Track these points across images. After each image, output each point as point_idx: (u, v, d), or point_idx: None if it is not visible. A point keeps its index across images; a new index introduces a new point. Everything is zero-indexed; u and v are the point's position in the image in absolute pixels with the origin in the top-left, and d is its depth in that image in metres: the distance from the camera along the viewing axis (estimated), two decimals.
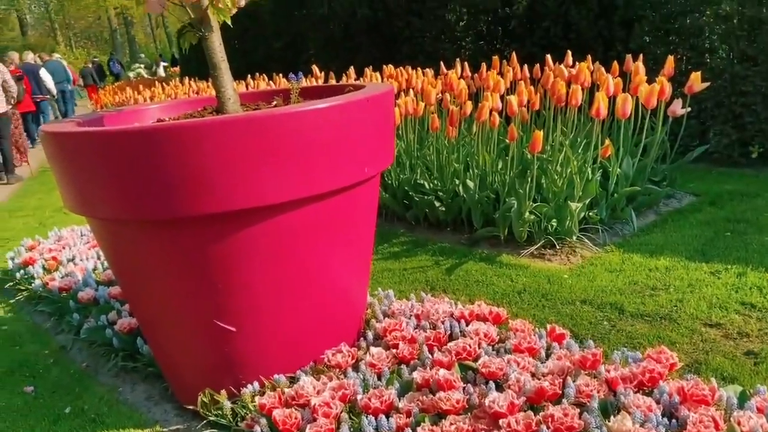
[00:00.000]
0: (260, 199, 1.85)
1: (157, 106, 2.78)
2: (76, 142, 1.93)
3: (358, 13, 8.17)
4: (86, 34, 43.03)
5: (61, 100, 12.71)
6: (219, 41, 2.34)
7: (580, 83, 3.72)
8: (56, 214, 5.82)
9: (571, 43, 5.56)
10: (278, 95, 2.87)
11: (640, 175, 3.83)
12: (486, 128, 3.79)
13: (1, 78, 7.84)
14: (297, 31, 9.75)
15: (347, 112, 2.02)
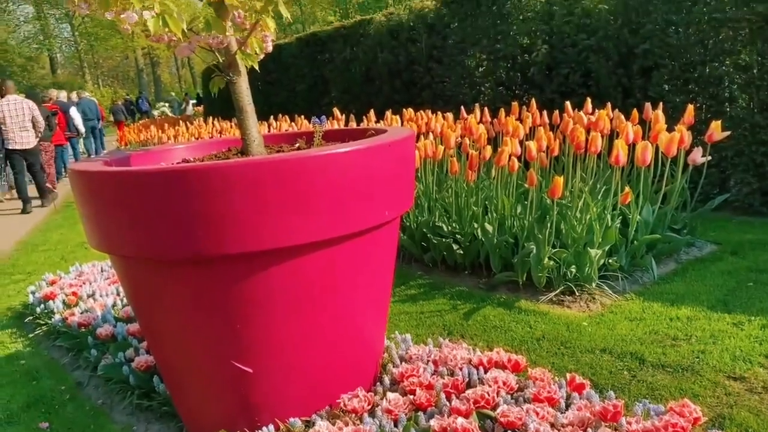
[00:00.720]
0: (281, 240, 1.87)
1: (183, 146, 2.83)
2: (103, 181, 1.98)
3: (379, 58, 8.33)
4: (113, 73, 44.18)
5: (91, 136, 13.19)
6: (246, 85, 2.40)
7: (600, 130, 3.74)
8: (78, 249, 5.89)
9: (590, 90, 5.62)
10: (301, 137, 2.91)
11: (660, 223, 3.81)
12: (505, 172, 3.81)
13: (30, 114, 8.46)
14: (319, 74, 9.94)
15: (369, 156, 2.05)
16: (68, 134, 11.16)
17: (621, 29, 5.48)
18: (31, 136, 8.55)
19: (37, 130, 8.65)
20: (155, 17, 1.99)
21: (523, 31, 6.32)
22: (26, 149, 8.56)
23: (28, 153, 8.61)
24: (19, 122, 8.43)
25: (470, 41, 6.94)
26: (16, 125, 8.42)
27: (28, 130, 8.52)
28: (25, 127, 8.47)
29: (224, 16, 2.22)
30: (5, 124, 8.40)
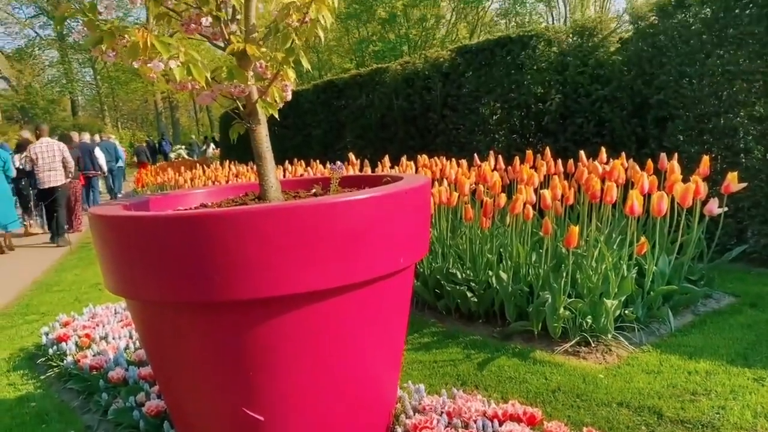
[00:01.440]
0: (295, 287, 1.87)
1: (201, 191, 2.87)
2: (121, 225, 2.00)
3: (395, 105, 8.45)
4: (132, 116, 45.07)
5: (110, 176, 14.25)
6: (265, 133, 2.44)
7: (615, 180, 3.75)
8: (92, 290, 5.91)
9: (605, 139, 5.65)
10: (317, 183, 2.94)
11: (676, 274, 3.77)
12: (520, 220, 3.81)
13: (61, 155, 9.21)
14: (335, 120, 10.08)
15: (385, 203, 2.06)
16: (92, 173, 11.90)
17: (635, 80, 5.54)
18: (60, 175, 9.22)
19: (67, 171, 9.34)
20: (180, 66, 2.04)
21: (537, 80, 6.40)
22: (55, 187, 9.21)
23: (56, 191, 9.24)
24: (49, 163, 9.10)
25: (484, 90, 7.04)
26: (47, 166, 9.08)
27: (58, 170, 9.18)
28: (54, 168, 9.14)
29: (246, 67, 2.28)
30: (37, 165, 9.05)
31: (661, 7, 5.40)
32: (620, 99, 5.61)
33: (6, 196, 8.93)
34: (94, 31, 2.02)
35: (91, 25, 2.01)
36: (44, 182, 9.11)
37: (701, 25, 5.11)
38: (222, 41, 2.36)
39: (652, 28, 5.44)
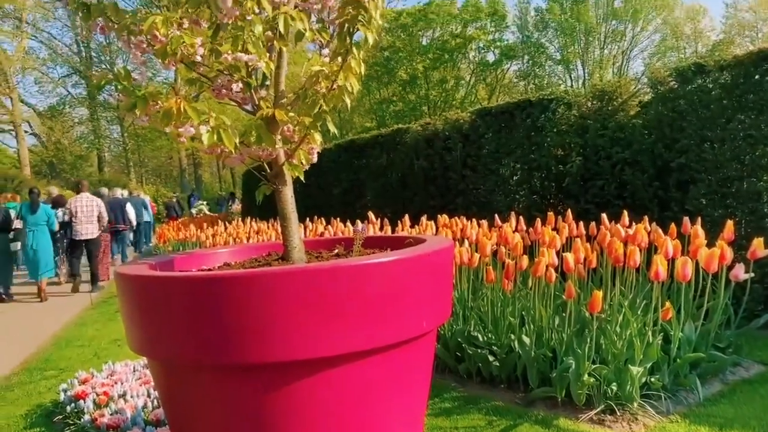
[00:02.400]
0: (316, 350, 1.86)
1: (225, 250, 2.90)
2: (146, 285, 2.02)
3: (415, 165, 8.54)
4: (157, 171, 45.97)
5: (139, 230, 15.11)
6: (291, 194, 2.49)
7: (638, 244, 3.72)
8: (111, 346, 5.91)
9: (626, 201, 5.63)
10: (340, 243, 2.96)
11: (703, 341, 3.69)
12: (542, 283, 3.78)
13: (98, 210, 10.11)
14: (356, 179, 10.20)
15: (408, 266, 2.06)
16: (121, 227, 12.58)
17: (655, 143, 5.56)
18: (95, 228, 10.07)
19: (101, 224, 10.20)
20: (210, 131, 2.10)
21: (558, 143, 6.45)
22: (89, 239, 10.03)
23: (90, 242, 10.08)
24: (87, 216, 9.94)
25: (504, 151, 7.10)
26: (85, 219, 9.91)
27: (93, 224, 10.03)
28: (91, 221, 9.99)
29: (275, 131, 2.34)
30: (76, 217, 9.87)
31: (680, 72, 5.47)
32: (641, 162, 5.62)
33: (48, 248, 9.75)
34: (128, 97, 2.09)
35: (126, 91, 2.08)
36: (80, 234, 9.88)
37: (721, 91, 5.16)
38: (251, 106, 2.43)
39: (672, 92, 5.50)
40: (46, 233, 9.70)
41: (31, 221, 9.54)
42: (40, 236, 9.59)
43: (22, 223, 9.50)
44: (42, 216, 9.65)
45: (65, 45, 38.00)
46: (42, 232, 9.64)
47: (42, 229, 9.64)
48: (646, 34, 34.80)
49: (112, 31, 2.31)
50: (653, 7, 33.59)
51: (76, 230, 9.86)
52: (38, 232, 9.59)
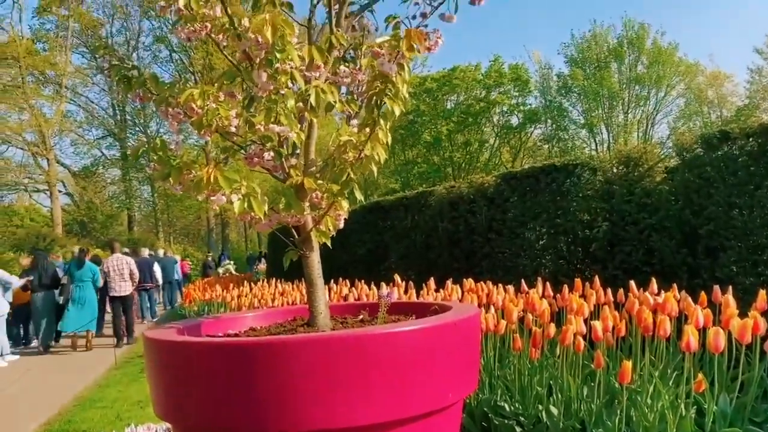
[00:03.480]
0: (340, 421, 1.84)
1: (251, 314, 2.92)
2: (173, 350, 2.05)
3: (439, 227, 8.57)
4: (185, 231, 46.64)
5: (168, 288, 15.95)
6: (317, 260, 2.52)
7: (668, 313, 3.65)
8: (134, 408, 5.89)
9: (654, 268, 5.56)
10: (365, 309, 2.96)
11: (739, 415, 3.56)
12: (570, 352, 3.71)
13: (128, 269, 10.88)
14: (380, 240, 10.23)
15: (434, 335, 2.05)
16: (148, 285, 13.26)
17: (683, 210, 5.53)
18: (128, 285, 10.87)
19: (133, 281, 10.95)
20: (241, 200, 2.16)
21: (583, 208, 6.44)
22: (123, 296, 10.82)
23: (124, 299, 10.87)
24: (119, 275, 10.76)
25: (530, 215, 7.10)
26: (118, 277, 10.75)
27: (126, 281, 10.82)
28: (124, 279, 10.79)
29: (303, 198, 2.39)
30: (110, 276, 10.73)
31: (706, 139, 5.48)
32: (669, 228, 5.58)
33: (93, 302, 10.49)
34: (163, 167, 2.17)
35: (161, 161, 2.16)
36: (115, 291, 10.72)
37: (748, 158, 5.14)
38: (281, 174, 2.49)
39: (698, 159, 5.50)
40: (91, 289, 10.47)
41: (77, 277, 10.31)
42: (85, 291, 10.34)
43: (68, 279, 10.39)
44: (87, 273, 10.43)
45: (102, 108, 39.47)
46: (87, 287, 10.40)
47: (87, 284, 10.40)
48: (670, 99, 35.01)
49: (151, 101, 2.42)
50: (676, 73, 33.90)
51: (111, 288, 10.75)
52: (84, 288, 10.33)
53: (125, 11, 38.20)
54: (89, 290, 10.43)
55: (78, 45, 38.80)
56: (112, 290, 10.81)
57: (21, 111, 34.45)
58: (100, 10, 38.51)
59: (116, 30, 39.36)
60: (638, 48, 33.41)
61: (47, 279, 10.56)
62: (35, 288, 10.41)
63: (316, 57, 2.25)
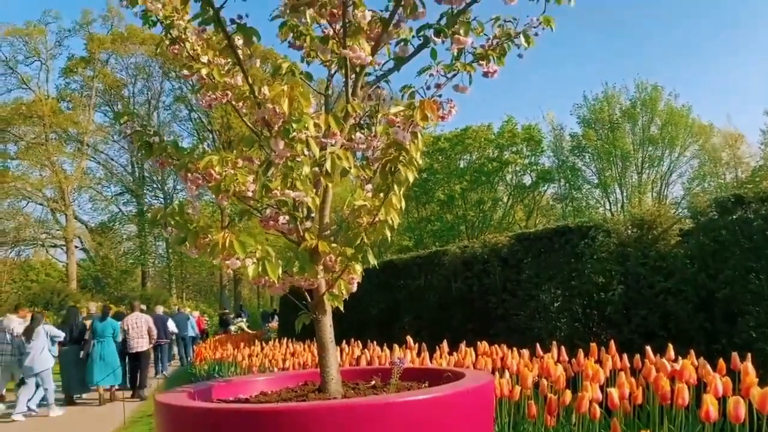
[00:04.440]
0: None
1: (262, 378, 2.91)
2: (184, 415, 2.04)
3: (453, 288, 8.52)
4: (197, 287, 46.71)
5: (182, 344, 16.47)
6: (330, 324, 2.52)
7: (686, 381, 3.58)
8: None
9: (671, 332, 5.47)
10: (377, 374, 2.93)
11: None
12: (587, 419, 3.63)
13: (146, 325, 11.49)
14: (393, 300, 10.18)
15: (447, 403, 2.03)
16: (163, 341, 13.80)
17: (698, 273, 5.48)
18: (146, 342, 11.43)
19: (151, 338, 11.57)
20: (255, 264, 2.18)
21: (598, 270, 6.40)
22: (141, 352, 11.36)
23: (141, 354, 11.42)
24: (138, 332, 11.33)
25: (544, 277, 7.06)
26: (136, 334, 11.31)
27: (144, 338, 11.37)
28: (142, 336, 11.36)
29: (317, 261, 2.41)
30: (128, 333, 11.24)
31: (720, 203, 5.49)
32: (685, 292, 5.52)
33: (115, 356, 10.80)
34: (181, 231, 2.21)
35: (179, 226, 2.20)
36: (133, 347, 11.25)
37: (763, 222, 5.12)
38: (296, 236, 2.52)
39: (713, 223, 5.49)
40: (111, 344, 10.85)
41: (99, 332, 10.70)
42: (107, 346, 10.70)
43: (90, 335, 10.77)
44: (108, 328, 10.86)
45: (120, 165, 40.24)
46: (108, 342, 10.78)
47: (108, 340, 10.79)
48: (683, 159, 35.10)
49: (171, 167, 2.48)
50: (690, 134, 34.09)
51: (130, 344, 11.28)
52: (105, 343, 10.70)
53: (147, 72, 39.38)
54: (110, 345, 10.79)
55: (101, 104, 39.98)
56: (130, 347, 11.30)
57: (42, 168, 35.24)
58: (123, 70, 39.77)
59: (138, 90, 40.55)
60: (651, 109, 33.74)
61: (77, 333, 10.97)
62: (65, 342, 10.74)
63: (332, 125, 2.31)
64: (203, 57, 2.54)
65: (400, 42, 2.72)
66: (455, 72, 2.73)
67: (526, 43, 2.73)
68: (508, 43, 2.75)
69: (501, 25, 2.74)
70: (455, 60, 2.73)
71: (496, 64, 2.76)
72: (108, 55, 38.61)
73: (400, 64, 2.72)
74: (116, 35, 37.69)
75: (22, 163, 35.29)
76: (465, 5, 2.57)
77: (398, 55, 2.73)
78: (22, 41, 36.12)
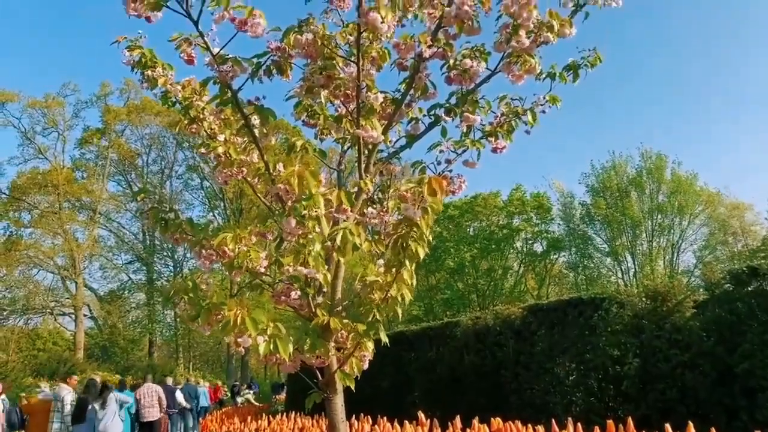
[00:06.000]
0: None
1: None
2: None
3: (465, 360, 8.37)
4: (204, 357, 46.09)
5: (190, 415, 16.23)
6: (341, 403, 2.47)
7: None
8: None
9: (690, 409, 5.32)
10: None
11: None
12: None
13: (157, 395, 11.79)
14: (404, 373, 9.99)
15: None
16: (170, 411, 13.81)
17: (715, 346, 5.38)
18: (156, 411, 11.73)
19: (161, 407, 11.84)
20: (267, 342, 2.16)
21: (613, 343, 6.30)
22: (152, 421, 11.65)
23: (153, 423, 11.70)
24: (150, 402, 11.65)
25: (558, 350, 6.94)
26: (148, 404, 11.64)
27: (155, 407, 11.69)
28: (153, 405, 11.68)
29: (328, 338, 2.39)
30: (140, 403, 11.55)
31: (734, 275, 5.44)
32: (702, 366, 5.40)
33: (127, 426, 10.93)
34: (194, 307, 2.21)
35: (192, 302, 2.20)
36: (145, 416, 11.60)
37: None
38: (308, 312, 2.51)
39: (728, 295, 5.43)
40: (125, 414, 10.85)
41: None
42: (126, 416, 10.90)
43: None
44: None
45: (132, 233, 40.50)
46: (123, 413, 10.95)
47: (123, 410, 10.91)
48: (693, 227, 34.97)
49: (185, 242, 2.51)
50: (698, 202, 34.08)
51: (142, 414, 11.66)
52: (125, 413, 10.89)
53: (161, 142, 40.19)
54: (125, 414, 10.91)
55: (114, 173, 40.66)
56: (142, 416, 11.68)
57: (55, 236, 35.55)
58: (138, 141, 40.62)
59: (152, 159, 41.24)
60: (657, 178, 33.86)
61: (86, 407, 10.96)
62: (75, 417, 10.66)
63: (344, 201, 2.34)
64: (220, 135, 2.61)
65: (411, 120, 2.78)
66: (465, 148, 2.77)
67: (532, 120, 2.79)
68: (516, 120, 2.81)
69: (508, 104, 2.81)
70: (464, 137, 2.79)
71: (504, 140, 2.81)
72: (123, 126, 39.56)
73: (411, 141, 2.78)
74: (132, 107, 38.71)
75: (35, 231, 35.63)
76: (474, 85, 2.64)
77: (410, 133, 2.79)
78: (40, 113, 37.13)
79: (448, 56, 2.54)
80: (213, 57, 2.38)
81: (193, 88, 2.56)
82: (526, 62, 2.50)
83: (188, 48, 2.43)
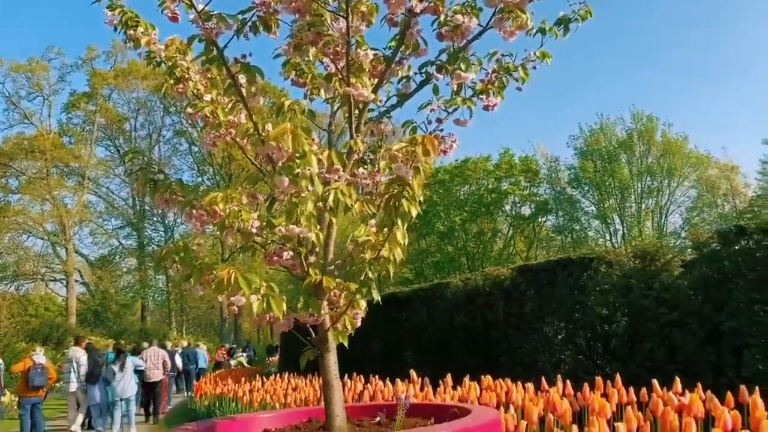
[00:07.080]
0: None
1: (266, 415, 2.87)
2: None
3: (456, 321, 8.47)
4: (197, 321, 46.33)
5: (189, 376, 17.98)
6: (334, 360, 2.50)
7: (693, 415, 3.53)
8: None
9: (677, 366, 5.41)
10: (381, 410, 2.90)
11: None
12: None
13: (162, 358, 12.84)
14: (395, 334, 10.10)
15: None
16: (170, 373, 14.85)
17: (703, 305, 5.45)
18: (160, 373, 12.79)
19: (165, 369, 12.95)
20: (260, 300, 2.17)
21: (601, 302, 6.37)
22: (155, 381, 12.70)
23: (156, 383, 12.75)
24: (155, 363, 12.67)
25: (547, 309, 7.02)
26: (153, 366, 12.61)
27: (159, 369, 12.74)
28: (158, 367, 12.73)
29: (321, 297, 2.40)
30: (146, 365, 12.42)
31: (722, 234, 5.49)
32: (690, 324, 5.48)
33: None
34: (186, 268, 2.21)
35: (184, 263, 2.20)
36: (150, 377, 12.49)
37: (766, 252, 5.11)
38: (300, 272, 2.51)
39: (715, 254, 5.48)
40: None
41: None
42: None
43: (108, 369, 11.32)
44: None
45: (121, 199, 40.29)
46: None
47: None
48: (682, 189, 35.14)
49: (175, 204, 2.49)
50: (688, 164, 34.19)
51: (147, 375, 12.46)
52: None
53: (148, 106, 39.69)
54: None
55: (102, 138, 40.21)
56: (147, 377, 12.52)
57: (43, 202, 35.29)
58: (125, 105, 40.09)
59: (139, 124, 40.76)
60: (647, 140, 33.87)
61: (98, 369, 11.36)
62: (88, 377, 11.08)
63: (335, 161, 2.33)
64: (207, 96, 2.57)
65: (402, 79, 2.75)
66: (456, 107, 2.75)
67: (524, 75, 2.76)
68: (507, 76, 2.78)
69: (499, 60, 2.77)
70: (456, 95, 2.76)
71: (496, 97, 2.78)
72: (110, 90, 38.98)
73: (403, 100, 2.75)
74: (119, 70, 38.08)
75: (23, 197, 35.35)
76: (466, 42, 2.61)
77: (401, 91, 2.76)
78: (24, 77, 36.49)
79: (439, 12, 2.49)
80: (198, 13, 2.34)
81: (177, 47, 2.51)
82: (518, 18, 2.46)
83: (172, 5, 2.38)
